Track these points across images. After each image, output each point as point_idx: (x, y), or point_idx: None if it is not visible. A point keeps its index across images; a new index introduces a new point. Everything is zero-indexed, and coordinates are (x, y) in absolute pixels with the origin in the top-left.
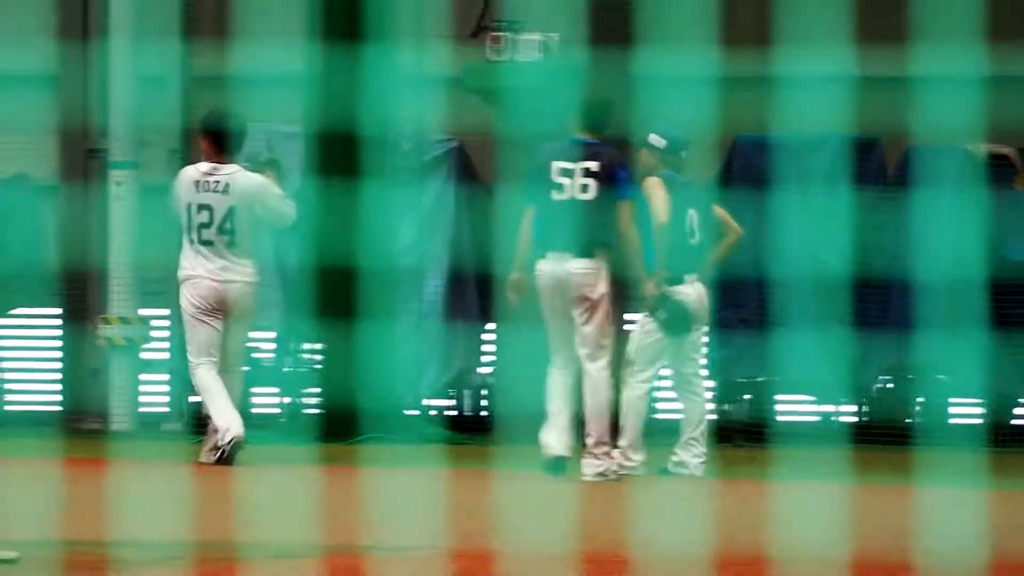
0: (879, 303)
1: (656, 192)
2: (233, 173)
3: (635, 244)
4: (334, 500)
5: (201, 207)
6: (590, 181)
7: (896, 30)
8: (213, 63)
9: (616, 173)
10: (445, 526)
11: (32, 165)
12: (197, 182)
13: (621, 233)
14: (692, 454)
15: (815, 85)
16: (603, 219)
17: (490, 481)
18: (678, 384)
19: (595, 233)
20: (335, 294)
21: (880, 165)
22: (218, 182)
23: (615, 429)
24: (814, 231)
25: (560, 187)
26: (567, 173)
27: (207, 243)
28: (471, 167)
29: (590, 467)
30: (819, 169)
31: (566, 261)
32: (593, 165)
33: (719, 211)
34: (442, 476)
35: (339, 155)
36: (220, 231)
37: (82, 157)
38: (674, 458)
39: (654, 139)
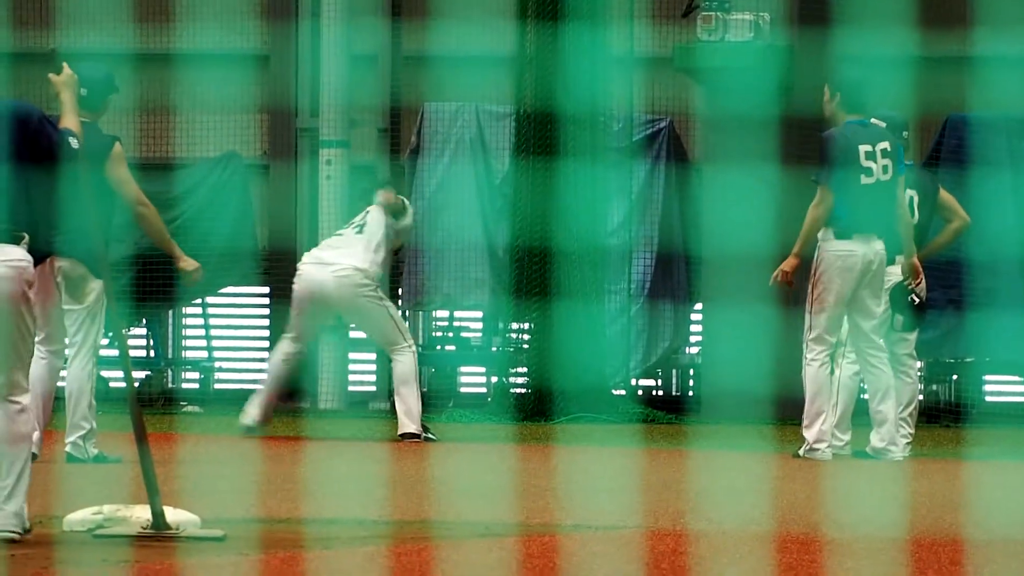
0: None
1: None
2: None
3: (910, 220)
4: (538, 479)
5: None
6: (888, 162)
7: None
8: (423, 43)
9: (900, 151)
10: (648, 506)
11: (242, 144)
12: None
13: (903, 208)
14: (900, 435)
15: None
16: (892, 199)
17: (694, 460)
18: (890, 364)
19: (891, 214)
20: (543, 274)
21: None
22: None
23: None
24: (1022, 211)
25: (869, 171)
26: (871, 156)
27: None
28: (681, 147)
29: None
30: None
31: (874, 243)
32: (887, 146)
33: (946, 196)
34: (647, 455)
35: (549, 135)
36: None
37: (292, 136)
38: None
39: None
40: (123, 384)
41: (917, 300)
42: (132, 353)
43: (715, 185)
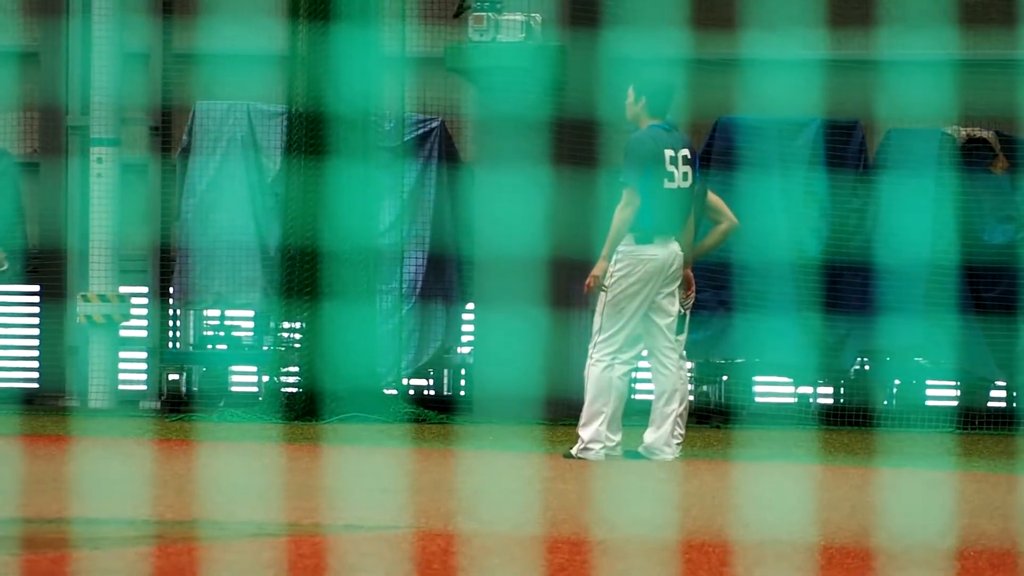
0: (857, 286)
1: None
2: None
3: (693, 231)
4: (309, 479)
5: None
6: (688, 169)
7: (871, 13)
8: (195, 41)
9: (697, 160)
10: (419, 506)
11: (11, 141)
12: None
13: (691, 219)
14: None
15: (793, 68)
16: (688, 206)
17: (466, 461)
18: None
19: (684, 220)
20: (314, 274)
21: (859, 148)
22: None
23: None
24: (792, 214)
25: (671, 175)
26: (674, 161)
27: None
28: (452, 147)
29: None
30: (797, 152)
31: (671, 245)
32: (687, 152)
33: (714, 198)
34: (419, 456)
35: (320, 134)
36: None
37: (62, 134)
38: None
39: None
40: None
41: (683, 311)
42: None
43: (486, 186)
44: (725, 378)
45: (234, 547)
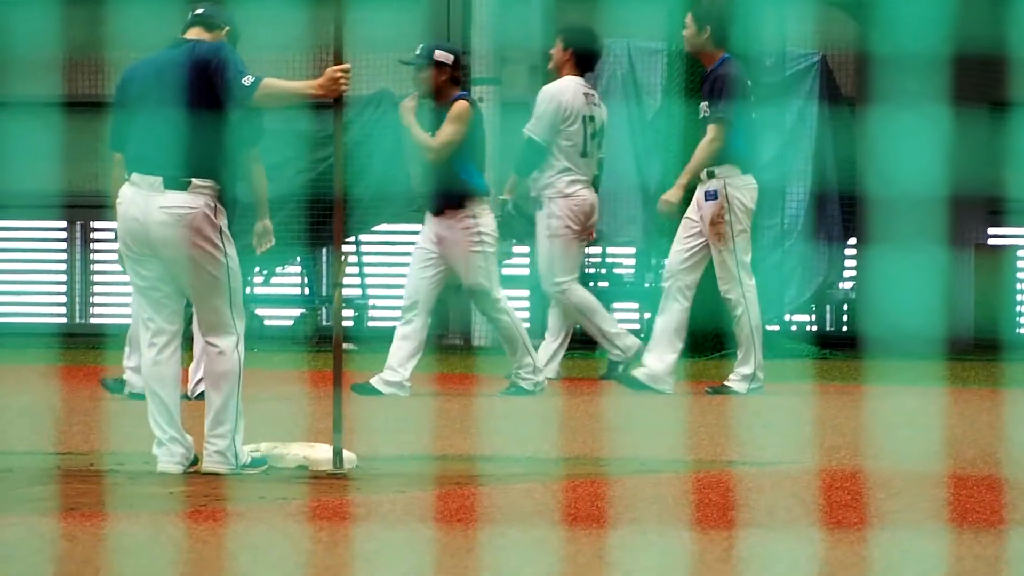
0: None
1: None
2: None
3: None
4: (695, 415)
5: (589, 119)
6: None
7: None
8: None
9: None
10: (811, 442)
11: (395, 82)
12: (586, 94)
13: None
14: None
15: None
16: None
17: (854, 397)
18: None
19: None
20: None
21: None
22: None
23: None
24: None
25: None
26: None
27: (589, 155)
28: (833, 83)
29: None
30: None
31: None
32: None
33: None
34: (804, 392)
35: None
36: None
37: None
38: None
39: (441, 55)
40: (280, 323)
41: None
42: (286, 292)
43: (872, 122)
44: None
45: (625, 483)
